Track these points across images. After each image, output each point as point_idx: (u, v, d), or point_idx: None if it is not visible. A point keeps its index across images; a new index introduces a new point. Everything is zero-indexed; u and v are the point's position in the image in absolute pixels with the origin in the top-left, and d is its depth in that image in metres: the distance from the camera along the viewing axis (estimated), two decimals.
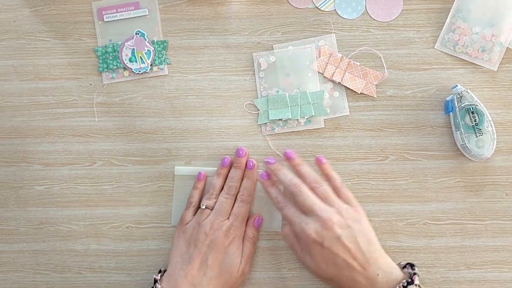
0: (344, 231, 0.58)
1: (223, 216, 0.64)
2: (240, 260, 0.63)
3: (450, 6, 0.67)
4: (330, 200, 0.61)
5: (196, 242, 0.62)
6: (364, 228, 0.60)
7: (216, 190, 0.65)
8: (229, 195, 0.65)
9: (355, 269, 0.58)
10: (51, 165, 0.69)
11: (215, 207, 0.64)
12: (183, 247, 0.63)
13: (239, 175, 0.66)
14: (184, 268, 0.62)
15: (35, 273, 0.69)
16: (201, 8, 0.69)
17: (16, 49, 0.69)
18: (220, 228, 0.63)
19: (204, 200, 0.65)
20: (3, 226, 0.69)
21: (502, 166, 0.66)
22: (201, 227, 0.63)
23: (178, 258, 0.63)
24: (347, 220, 0.59)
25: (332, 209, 0.60)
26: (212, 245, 0.62)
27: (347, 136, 0.67)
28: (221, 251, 0.62)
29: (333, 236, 0.58)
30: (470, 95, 0.64)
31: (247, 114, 0.68)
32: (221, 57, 0.69)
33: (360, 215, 0.61)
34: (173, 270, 0.62)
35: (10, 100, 0.69)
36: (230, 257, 0.63)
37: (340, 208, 0.60)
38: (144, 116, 0.68)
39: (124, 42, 0.68)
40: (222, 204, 0.64)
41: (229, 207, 0.64)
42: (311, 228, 0.58)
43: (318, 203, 0.60)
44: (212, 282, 0.61)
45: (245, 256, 0.64)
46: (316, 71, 0.68)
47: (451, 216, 0.66)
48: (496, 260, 0.66)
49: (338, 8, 0.68)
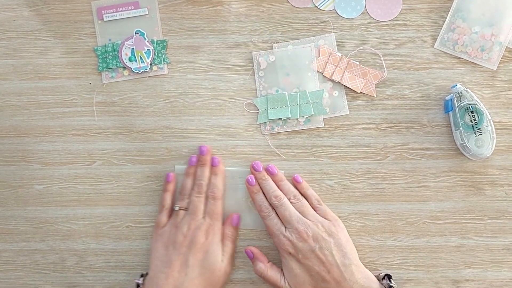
0: (318, 243, 0.60)
1: (198, 215, 0.64)
2: (221, 258, 0.63)
3: (450, 6, 0.67)
4: (307, 213, 0.63)
5: (175, 244, 0.63)
6: (341, 241, 0.61)
7: (187, 190, 0.66)
8: (199, 193, 0.65)
9: (330, 283, 0.59)
10: (50, 164, 0.69)
11: (189, 208, 0.65)
12: (162, 250, 0.63)
13: (206, 172, 0.66)
14: (165, 271, 0.61)
15: (35, 272, 0.69)
16: (200, 7, 0.69)
17: (15, 49, 0.69)
18: (197, 227, 0.63)
19: (177, 201, 0.66)
20: (3, 225, 0.69)
21: (502, 165, 0.66)
22: (179, 229, 0.63)
23: (158, 261, 0.63)
24: (323, 233, 0.61)
25: (309, 222, 0.62)
26: (192, 245, 0.62)
27: (346, 136, 0.67)
28: (201, 251, 0.62)
29: (308, 249, 0.60)
30: (470, 94, 0.64)
31: (247, 113, 0.68)
32: (220, 56, 0.69)
33: (338, 228, 0.62)
34: (154, 273, 0.62)
35: (10, 99, 0.69)
36: (211, 255, 0.63)
37: (316, 221, 0.62)
38: (144, 116, 0.69)
39: (124, 42, 0.68)
40: (194, 203, 0.65)
41: (202, 205, 0.65)
42: (287, 240, 0.61)
43: (296, 215, 0.62)
44: (194, 282, 0.61)
45: (226, 255, 0.64)
46: (316, 70, 0.68)
47: (451, 215, 0.66)
48: (496, 259, 0.66)
49: (337, 8, 0.68)
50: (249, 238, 0.67)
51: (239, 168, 0.67)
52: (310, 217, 0.62)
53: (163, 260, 0.62)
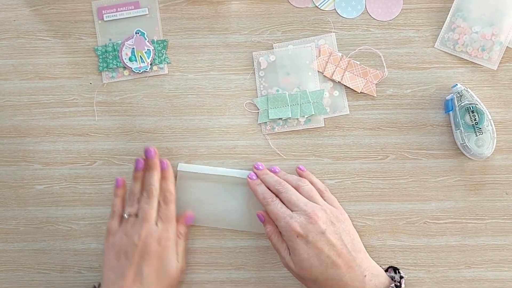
0: (328, 226, 0.58)
1: (149, 222, 0.61)
2: (176, 259, 0.62)
3: (450, 5, 0.67)
4: (315, 198, 0.61)
5: (127, 254, 0.60)
6: (348, 227, 0.60)
7: (135, 195, 0.63)
8: (149, 199, 0.62)
9: (341, 268, 0.56)
10: (51, 164, 0.69)
11: (139, 215, 0.62)
12: (114, 260, 0.60)
13: (156, 176, 0.64)
14: (118, 282, 0.59)
15: (35, 272, 0.68)
16: (201, 7, 0.69)
17: (16, 48, 0.69)
18: (149, 235, 0.60)
19: (127, 208, 0.63)
20: (3, 226, 0.69)
21: (502, 165, 0.66)
22: (129, 238, 0.60)
23: (111, 272, 0.60)
24: (332, 218, 0.59)
25: (317, 205, 0.59)
26: (144, 254, 0.60)
27: (347, 135, 0.67)
28: (155, 258, 0.60)
29: (318, 230, 0.57)
30: (470, 94, 0.64)
31: (247, 113, 0.68)
32: (221, 56, 0.69)
33: (345, 217, 0.61)
34: (107, 285, 0.60)
35: (10, 99, 0.69)
36: (167, 263, 0.61)
37: (324, 206, 0.60)
38: (144, 115, 0.68)
39: (124, 41, 0.68)
40: (145, 210, 0.62)
41: (153, 211, 0.62)
42: (296, 222, 0.57)
43: (303, 199, 0.60)
44: None
45: (180, 254, 0.63)
46: (316, 70, 0.68)
47: (451, 215, 0.66)
48: (496, 259, 0.66)
49: (338, 7, 0.68)
50: (250, 238, 0.67)
51: (238, 170, 0.67)
52: (318, 202, 0.60)
53: (116, 271, 0.60)
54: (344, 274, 0.56)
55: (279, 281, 0.67)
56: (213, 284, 0.67)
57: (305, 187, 0.62)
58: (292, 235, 0.57)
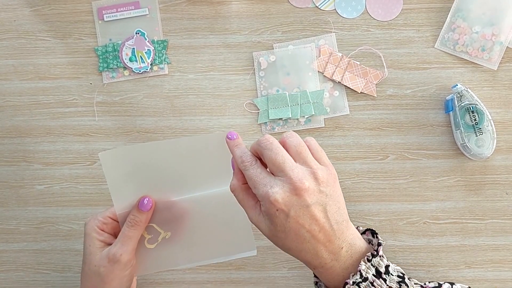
0: (314, 198, 0.49)
1: None
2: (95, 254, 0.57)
3: (450, 6, 0.67)
4: (304, 157, 0.51)
5: None
6: (336, 193, 0.51)
7: None
8: None
9: (318, 242, 0.49)
10: (51, 164, 0.69)
11: None
12: None
13: None
14: None
15: (36, 272, 0.69)
16: (201, 7, 0.69)
17: (16, 49, 0.70)
18: None
19: None
20: (4, 226, 0.69)
21: (502, 165, 0.66)
22: None
23: None
24: (320, 185, 0.50)
25: (306, 170, 0.50)
26: None
27: (347, 135, 0.67)
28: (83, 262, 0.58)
29: (302, 204, 0.49)
30: (470, 94, 0.64)
31: (247, 113, 0.68)
32: (221, 56, 0.69)
33: (333, 176, 0.52)
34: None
35: (11, 99, 0.69)
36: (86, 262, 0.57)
37: (315, 168, 0.50)
38: (145, 116, 0.69)
39: (124, 42, 0.68)
40: None
41: None
42: (277, 193, 0.48)
43: (290, 160, 0.50)
44: None
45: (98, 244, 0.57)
46: (316, 70, 0.68)
47: (451, 215, 0.66)
48: (496, 259, 0.66)
49: (338, 8, 0.68)
50: None
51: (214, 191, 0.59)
52: (308, 162, 0.51)
53: None
54: (320, 248, 0.50)
55: (279, 281, 0.67)
56: (213, 284, 0.67)
57: (292, 140, 0.51)
58: (271, 207, 0.49)
